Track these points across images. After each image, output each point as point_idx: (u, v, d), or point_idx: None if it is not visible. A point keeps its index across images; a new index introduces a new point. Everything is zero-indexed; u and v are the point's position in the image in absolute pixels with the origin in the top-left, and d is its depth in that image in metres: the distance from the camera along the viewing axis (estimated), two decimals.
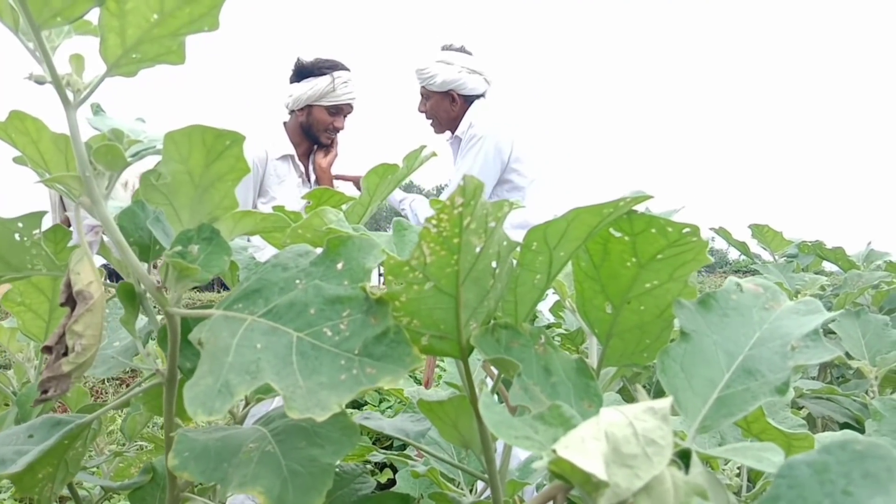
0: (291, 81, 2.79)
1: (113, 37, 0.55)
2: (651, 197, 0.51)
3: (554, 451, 0.34)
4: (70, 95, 0.55)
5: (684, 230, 0.52)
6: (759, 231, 1.82)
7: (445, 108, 2.73)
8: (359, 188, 2.79)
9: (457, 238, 0.45)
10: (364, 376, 0.45)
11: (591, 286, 0.60)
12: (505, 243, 0.49)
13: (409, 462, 0.74)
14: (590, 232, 0.52)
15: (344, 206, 0.74)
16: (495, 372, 0.76)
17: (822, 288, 1.59)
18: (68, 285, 0.56)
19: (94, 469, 0.90)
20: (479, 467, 0.77)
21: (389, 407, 3.73)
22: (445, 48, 2.77)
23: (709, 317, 0.55)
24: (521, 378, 0.47)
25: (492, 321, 0.53)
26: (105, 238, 0.65)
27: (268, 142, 2.74)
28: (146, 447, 1.15)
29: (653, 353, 0.63)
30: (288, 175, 2.68)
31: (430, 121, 2.81)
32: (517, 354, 0.51)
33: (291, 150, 2.78)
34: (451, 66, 2.69)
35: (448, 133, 2.80)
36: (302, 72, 2.77)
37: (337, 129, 2.80)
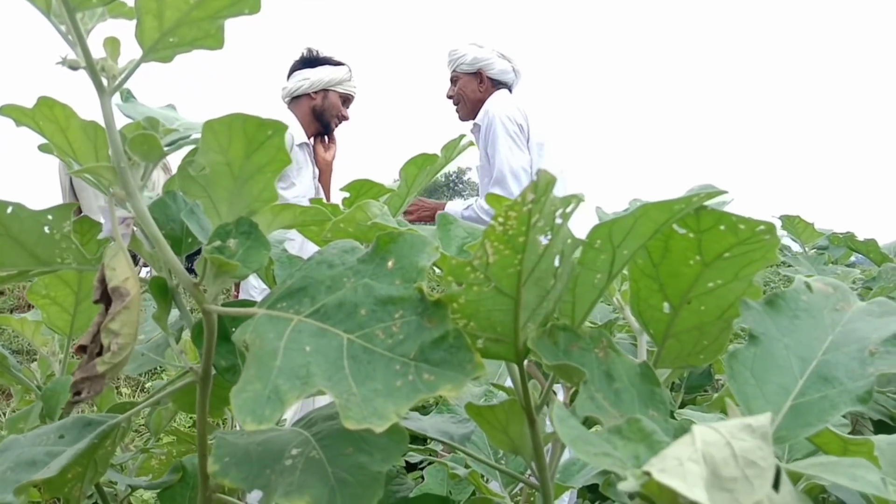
0: (296, 69, 2.80)
1: (150, 19, 0.52)
2: (725, 192, 0.47)
3: (647, 473, 0.31)
4: (105, 81, 0.52)
5: (758, 228, 0.49)
6: (789, 222, 1.78)
7: (473, 88, 2.76)
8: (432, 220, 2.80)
9: (523, 237, 0.42)
10: (422, 383, 0.42)
11: (648, 284, 0.57)
12: (569, 241, 0.47)
13: (450, 465, 0.72)
14: (657, 229, 0.49)
15: (381, 199, 0.71)
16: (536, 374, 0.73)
17: (854, 281, 1.55)
18: (102, 281, 0.54)
19: (120, 465, 0.88)
20: (518, 469, 0.74)
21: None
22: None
23: (778, 319, 0.52)
24: (587, 386, 0.44)
25: (549, 323, 0.50)
26: (136, 230, 0.63)
27: (291, 128, 2.77)
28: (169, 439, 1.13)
29: (710, 355, 0.60)
30: (305, 164, 2.68)
31: (456, 107, 2.84)
32: (577, 359, 0.48)
33: (307, 139, 2.79)
34: (482, 49, 2.74)
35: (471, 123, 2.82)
36: (314, 61, 2.81)
37: (344, 118, 2.86)
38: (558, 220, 0.43)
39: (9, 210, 0.56)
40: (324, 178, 2.81)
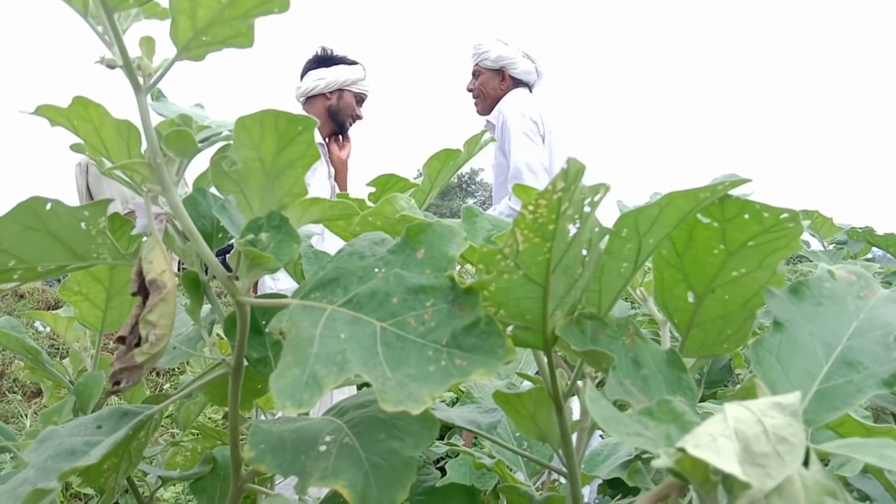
0: (311, 69, 2.81)
1: (184, 19, 0.53)
2: (749, 180, 0.48)
3: (681, 449, 0.32)
4: (140, 80, 0.54)
5: (782, 216, 0.49)
6: (808, 217, 1.78)
7: (494, 85, 2.78)
8: None
9: (552, 224, 0.43)
10: (454, 368, 0.43)
11: (673, 274, 0.58)
12: (597, 229, 0.47)
13: (476, 455, 0.73)
14: (682, 218, 0.50)
15: (406, 193, 0.72)
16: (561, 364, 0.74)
17: (874, 275, 1.55)
18: (140, 274, 0.55)
19: (150, 459, 0.89)
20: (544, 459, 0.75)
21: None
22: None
23: (802, 306, 0.53)
24: (615, 371, 0.45)
25: (576, 311, 0.51)
26: (168, 227, 0.64)
27: None
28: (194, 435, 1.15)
29: (734, 344, 0.60)
30: (320, 164, 2.69)
31: (476, 100, 2.87)
32: (604, 346, 0.49)
33: (322, 139, 2.80)
34: (507, 46, 2.76)
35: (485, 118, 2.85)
36: (328, 60, 2.81)
37: (359, 117, 2.86)
38: (587, 209, 0.44)
39: (48, 206, 0.57)
40: (340, 177, 2.83)
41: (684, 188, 0.47)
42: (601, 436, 1.52)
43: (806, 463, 0.37)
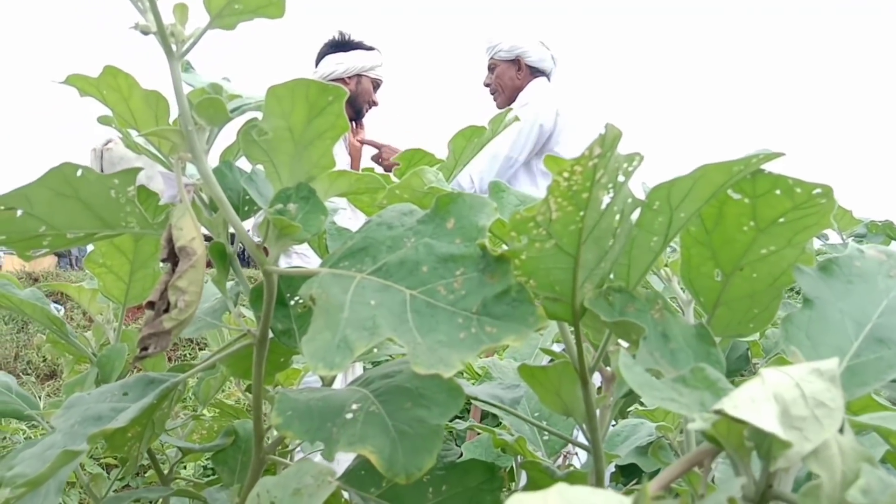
0: (327, 53, 2.79)
1: None
2: (782, 154, 0.48)
3: (719, 411, 0.32)
4: (174, 47, 0.54)
5: (815, 191, 0.49)
6: None
7: (511, 75, 2.76)
8: (380, 162, 2.77)
9: (586, 192, 0.43)
10: (485, 335, 0.43)
11: (700, 252, 0.57)
12: (629, 200, 0.47)
13: (497, 432, 0.73)
14: (714, 192, 0.49)
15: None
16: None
17: None
18: (169, 241, 0.56)
19: (171, 432, 0.90)
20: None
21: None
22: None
23: (832, 283, 0.52)
24: (646, 342, 0.45)
25: (605, 285, 0.51)
26: (195, 197, 0.65)
27: None
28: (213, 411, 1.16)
29: (760, 324, 0.60)
30: (339, 149, 2.69)
31: (494, 94, 2.85)
32: (633, 319, 0.49)
33: None
34: (520, 36, 2.74)
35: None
36: (346, 45, 2.79)
37: (374, 103, 2.85)
38: (620, 178, 0.44)
39: (79, 173, 0.58)
40: (354, 164, 2.83)
41: (717, 161, 0.47)
42: (612, 425, 1.52)
43: (842, 429, 0.37)
